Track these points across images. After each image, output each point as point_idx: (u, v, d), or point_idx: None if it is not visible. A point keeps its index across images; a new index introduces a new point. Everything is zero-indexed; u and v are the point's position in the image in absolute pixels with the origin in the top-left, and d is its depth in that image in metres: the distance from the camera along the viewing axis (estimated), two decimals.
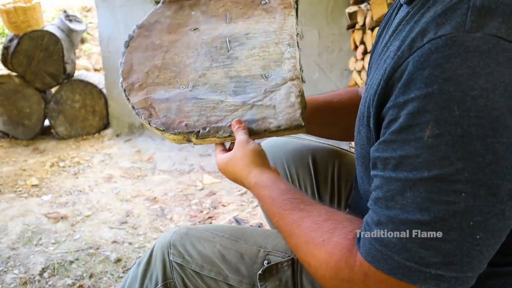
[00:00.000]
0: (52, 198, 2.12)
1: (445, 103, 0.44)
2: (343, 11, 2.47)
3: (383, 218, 0.50)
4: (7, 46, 2.90)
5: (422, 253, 0.46)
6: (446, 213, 0.44)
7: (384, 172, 0.50)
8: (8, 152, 2.79)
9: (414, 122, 0.46)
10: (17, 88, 2.94)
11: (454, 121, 0.43)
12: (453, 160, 0.43)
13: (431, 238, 0.45)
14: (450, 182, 0.44)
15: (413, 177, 0.46)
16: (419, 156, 0.45)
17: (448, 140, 0.44)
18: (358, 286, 0.52)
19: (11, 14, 2.79)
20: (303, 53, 2.68)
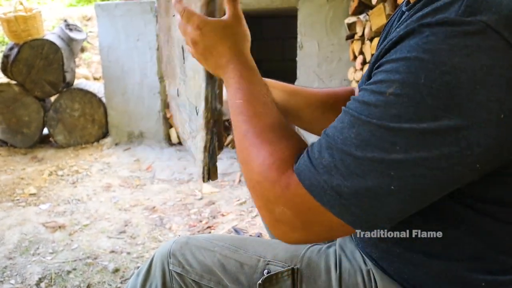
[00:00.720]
0: (50, 207, 2.10)
1: (415, 69, 0.48)
2: (342, 21, 2.48)
3: (324, 142, 0.54)
4: (7, 54, 2.90)
5: (341, 182, 0.50)
6: (376, 156, 0.49)
7: (345, 108, 0.54)
8: (7, 161, 2.78)
9: (385, 78, 0.50)
10: (17, 96, 2.94)
11: (416, 87, 0.47)
12: (402, 120, 0.48)
13: (354, 173, 0.50)
14: (392, 135, 0.48)
15: (364, 119, 0.50)
16: (377, 106, 0.50)
17: (404, 102, 0.48)
18: (277, 192, 0.55)
19: (12, 23, 2.80)
20: (303, 63, 2.70)
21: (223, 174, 2.46)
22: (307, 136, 0.98)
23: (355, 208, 0.51)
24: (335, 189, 0.51)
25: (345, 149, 0.51)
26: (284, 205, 0.55)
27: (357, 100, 0.53)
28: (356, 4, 2.32)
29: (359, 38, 2.29)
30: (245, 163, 0.63)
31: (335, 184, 0.51)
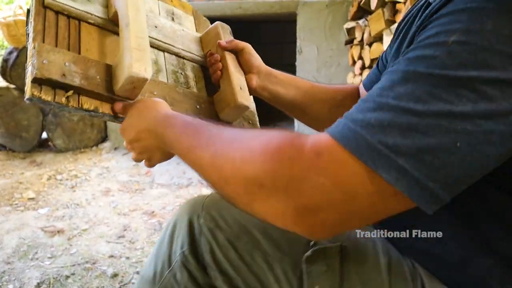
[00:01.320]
0: (49, 212, 2.10)
1: (480, 16, 0.43)
2: (341, 27, 2.49)
3: (371, 103, 0.46)
4: (7, 58, 2.91)
5: (398, 140, 0.43)
6: (441, 109, 0.43)
7: (392, 68, 0.47)
8: (5, 165, 2.77)
9: (442, 30, 0.45)
10: (16, 100, 2.94)
11: (483, 34, 0.43)
12: (469, 68, 0.42)
13: (414, 130, 0.43)
14: (457, 86, 0.43)
15: (422, 71, 0.44)
16: (436, 57, 0.44)
17: (471, 49, 0.43)
18: (303, 165, 0.45)
19: (11, 27, 2.81)
20: (302, 68, 2.71)
21: None
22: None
23: (415, 170, 0.42)
24: (393, 149, 0.42)
25: (401, 105, 0.44)
26: (319, 174, 0.44)
27: (406, 58, 0.47)
28: (355, 9, 2.34)
29: (358, 43, 2.30)
30: (230, 161, 0.51)
31: (391, 143, 0.43)
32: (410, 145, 0.42)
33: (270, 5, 2.62)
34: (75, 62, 0.73)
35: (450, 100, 0.42)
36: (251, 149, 0.49)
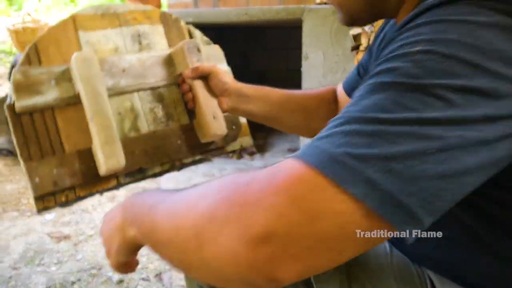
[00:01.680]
0: (55, 217, 2.11)
1: (444, 27, 0.44)
2: (347, 33, 2.49)
3: (337, 120, 0.44)
4: (15, 65, 2.93)
5: (364, 150, 0.39)
6: (408, 117, 0.41)
7: (361, 85, 0.47)
8: (12, 170, 2.79)
9: (406, 42, 0.45)
10: None
11: (447, 42, 0.43)
12: (435, 76, 0.42)
13: (382, 137, 0.40)
14: (424, 94, 0.41)
15: (387, 81, 0.43)
16: (401, 67, 0.43)
17: (436, 57, 0.42)
18: (257, 187, 0.41)
19: (20, 34, 2.83)
20: (308, 74, 2.71)
21: None
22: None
23: (385, 181, 0.38)
24: (359, 159, 0.39)
25: (366, 115, 0.42)
26: (274, 194, 0.39)
27: (371, 75, 0.46)
28: None
29: (364, 49, 2.30)
30: (181, 209, 0.47)
31: (357, 153, 0.39)
32: (378, 154, 0.39)
33: (276, 11, 2.63)
34: (61, 164, 0.86)
35: (417, 108, 0.41)
36: (202, 192, 0.46)
